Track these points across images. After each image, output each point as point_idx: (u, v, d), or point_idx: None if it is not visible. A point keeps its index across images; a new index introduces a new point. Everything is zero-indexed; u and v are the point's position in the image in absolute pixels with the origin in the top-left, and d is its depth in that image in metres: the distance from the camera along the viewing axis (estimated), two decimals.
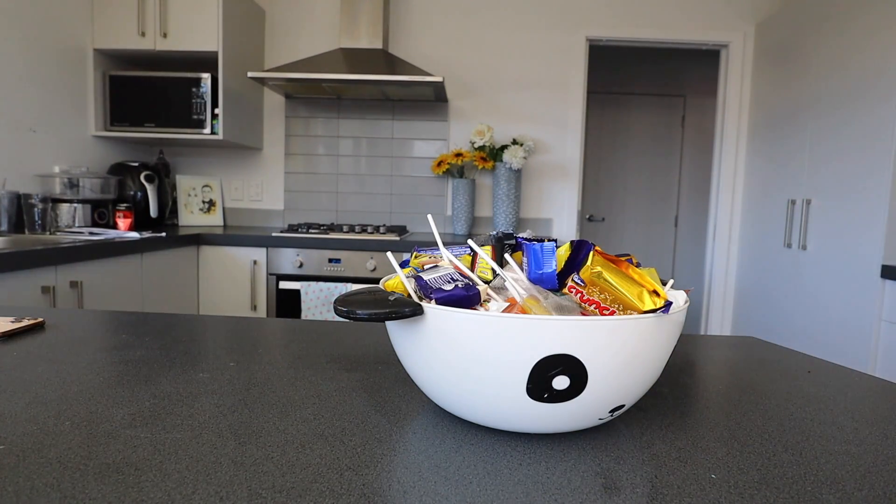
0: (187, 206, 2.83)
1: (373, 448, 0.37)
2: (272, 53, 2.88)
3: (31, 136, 2.13)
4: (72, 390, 0.46)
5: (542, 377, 0.35)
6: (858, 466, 0.37)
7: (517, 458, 0.36)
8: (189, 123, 2.47)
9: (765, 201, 2.75)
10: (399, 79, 2.38)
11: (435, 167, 2.82)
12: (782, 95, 2.63)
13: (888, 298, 1.92)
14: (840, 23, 2.22)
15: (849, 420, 0.45)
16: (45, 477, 0.32)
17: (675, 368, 0.58)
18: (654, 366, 0.39)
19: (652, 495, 0.32)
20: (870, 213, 2.00)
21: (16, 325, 0.63)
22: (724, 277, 3.06)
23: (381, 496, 0.31)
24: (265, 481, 0.32)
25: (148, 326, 0.69)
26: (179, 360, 0.55)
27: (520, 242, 0.46)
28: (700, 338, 0.72)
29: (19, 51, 2.06)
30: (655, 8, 2.89)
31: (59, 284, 1.57)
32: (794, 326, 2.43)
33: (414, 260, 0.49)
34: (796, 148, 2.49)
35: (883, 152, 1.95)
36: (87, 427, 0.39)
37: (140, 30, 2.40)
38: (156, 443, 0.37)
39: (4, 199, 1.96)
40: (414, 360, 0.41)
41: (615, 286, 0.36)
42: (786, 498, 0.32)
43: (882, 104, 1.96)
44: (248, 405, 0.44)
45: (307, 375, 0.52)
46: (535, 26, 2.88)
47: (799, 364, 0.62)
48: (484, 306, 0.41)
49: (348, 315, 0.37)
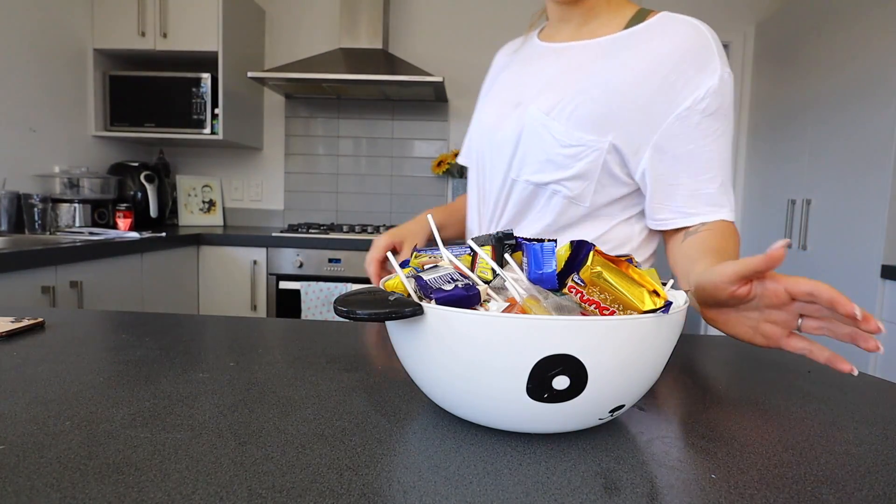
0: (187, 206, 2.83)
1: (373, 448, 0.37)
2: (272, 53, 2.88)
3: (31, 136, 2.13)
4: (72, 390, 0.46)
5: (542, 377, 0.35)
6: (858, 466, 0.37)
7: (517, 458, 0.36)
8: (189, 123, 2.47)
9: (765, 201, 2.75)
10: (399, 79, 2.38)
11: (435, 167, 2.82)
12: (782, 95, 2.63)
13: (888, 298, 1.92)
14: (840, 22, 2.22)
15: (849, 420, 0.45)
16: (45, 477, 0.32)
17: (675, 368, 0.58)
18: (654, 366, 0.39)
19: (652, 495, 0.32)
20: (870, 213, 2.00)
21: (16, 325, 0.63)
22: None
23: (381, 496, 0.31)
24: (265, 481, 0.32)
25: (148, 326, 0.69)
26: (179, 360, 0.55)
27: (520, 242, 0.46)
28: (700, 338, 0.72)
29: (19, 51, 2.06)
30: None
31: (59, 284, 1.57)
32: None
33: (414, 260, 0.49)
34: (796, 148, 2.48)
35: (883, 152, 1.95)
36: (87, 427, 0.39)
37: (140, 30, 2.40)
38: (156, 443, 0.37)
39: (4, 199, 1.96)
40: (414, 360, 0.41)
41: (615, 286, 0.36)
42: (786, 498, 0.32)
43: (883, 104, 1.96)
44: (248, 405, 0.44)
45: (307, 375, 0.52)
46: None
47: (799, 364, 0.62)
48: (484, 306, 0.41)
49: (348, 315, 0.37)
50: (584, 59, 0.76)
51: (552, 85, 0.77)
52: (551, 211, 0.79)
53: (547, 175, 0.76)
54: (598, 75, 0.74)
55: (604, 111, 0.73)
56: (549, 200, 0.79)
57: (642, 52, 0.73)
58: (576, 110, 0.73)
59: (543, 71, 0.80)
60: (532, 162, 0.77)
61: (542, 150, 0.76)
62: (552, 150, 0.75)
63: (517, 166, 0.79)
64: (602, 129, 0.73)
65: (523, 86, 0.81)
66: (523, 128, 0.77)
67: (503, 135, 0.80)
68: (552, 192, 0.78)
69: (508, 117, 0.80)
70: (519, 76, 0.83)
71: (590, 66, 0.75)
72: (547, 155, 0.75)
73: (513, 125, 0.78)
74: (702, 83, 0.70)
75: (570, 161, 0.75)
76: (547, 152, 0.75)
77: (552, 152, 0.75)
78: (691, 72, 0.71)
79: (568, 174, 0.75)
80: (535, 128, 0.75)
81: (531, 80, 0.80)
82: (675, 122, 0.71)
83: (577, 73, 0.76)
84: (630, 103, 0.72)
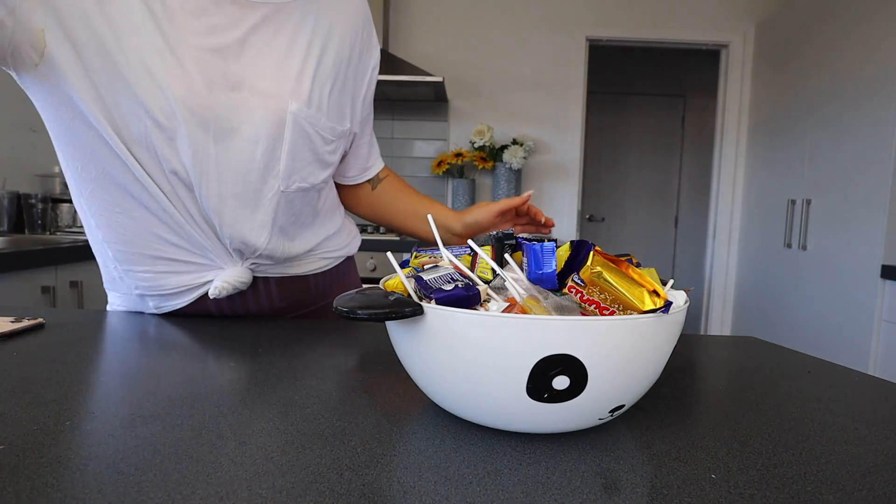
0: None
1: (373, 448, 0.37)
2: None
3: (31, 136, 2.13)
4: (72, 390, 0.46)
5: (542, 377, 0.35)
6: (858, 466, 0.37)
7: (517, 458, 0.36)
8: None
9: (765, 201, 2.75)
10: (399, 79, 2.38)
11: (435, 167, 2.82)
12: (782, 95, 2.63)
13: (888, 298, 1.92)
14: (840, 23, 2.22)
15: (849, 420, 0.45)
16: (45, 477, 0.32)
17: (675, 368, 0.58)
18: (654, 366, 0.39)
19: (652, 495, 0.32)
20: (870, 213, 2.00)
21: (16, 325, 0.63)
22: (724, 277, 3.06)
23: (381, 496, 0.31)
24: (265, 481, 0.32)
25: (148, 326, 0.69)
26: (179, 360, 0.55)
27: (520, 242, 0.46)
28: (700, 338, 0.72)
29: None
30: (655, 8, 2.89)
31: (59, 284, 1.57)
32: (794, 326, 2.43)
33: (414, 260, 0.49)
34: (796, 148, 2.49)
35: (883, 152, 1.95)
36: (87, 427, 0.39)
37: None
38: (156, 443, 0.37)
39: (4, 199, 1.96)
40: (414, 360, 0.41)
41: (615, 286, 0.36)
42: (786, 498, 0.32)
43: (882, 104, 1.96)
44: (248, 405, 0.44)
45: (307, 375, 0.52)
46: (536, 26, 2.88)
47: (799, 364, 0.62)
48: (484, 306, 0.41)
49: (348, 315, 0.37)
50: (290, 24, 0.65)
51: (278, 63, 0.64)
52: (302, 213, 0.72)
53: (316, 176, 0.69)
54: (319, 47, 0.66)
55: (339, 91, 0.69)
56: (304, 202, 0.71)
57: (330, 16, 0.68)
58: (328, 99, 0.67)
59: (245, 40, 0.62)
60: (302, 166, 0.67)
61: (310, 151, 0.67)
62: (321, 148, 0.68)
63: (286, 172, 0.66)
64: (342, 113, 0.70)
65: (227, 57, 0.61)
66: (285, 127, 0.64)
67: (244, 133, 0.62)
68: (314, 193, 0.71)
69: (235, 109, 0.61)
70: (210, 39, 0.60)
71: (303, 34, 0.65)
72: (315, 154, 0.68)
73: (261, 121, 0.62)
74: (374, 54, 0.76)
75: (332, 156, 0.70)
76: (316, 151, 0.68)
77: (321, 150, 0.68)
78: (370, 41, 0.75)
79: (329, 171, 0.70)
80: (302, 126, 0.65)
81: (234, 49, 0.61)
82: (367, 89, 0.76)
83: (294, 44, 0.65)
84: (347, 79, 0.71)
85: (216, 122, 0.60)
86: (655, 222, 4.37)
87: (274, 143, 0.64)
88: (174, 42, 0.58)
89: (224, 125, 0.61)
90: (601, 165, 4.32)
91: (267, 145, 0.63)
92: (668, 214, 4.38)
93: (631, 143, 4.33)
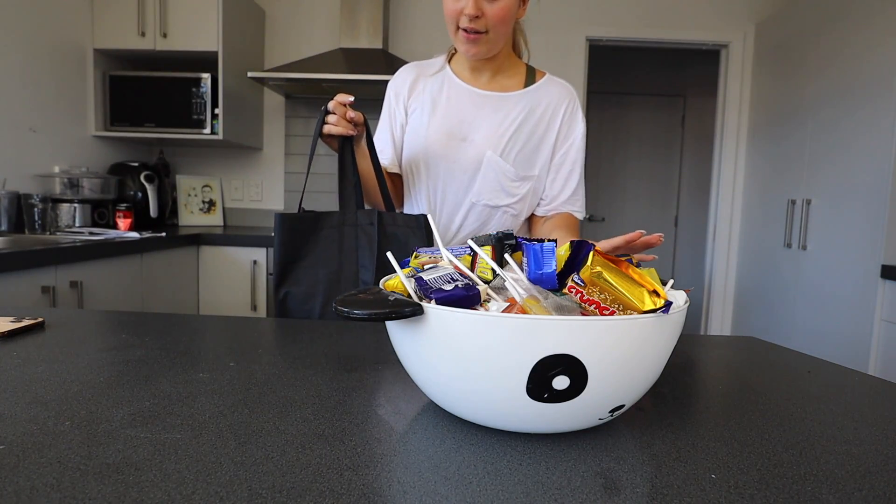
0: (187, 206, 2.83)
1: (373, 448, 0.37)
2: (272, 53, 2.88)
3: (31, 136, 2.13)
4: (72, 390, 0.46)
5: (542, 377, 0.35)
6: (858, 466, 0.37)
7: (517, 458, 0.36)
8: (189, 123, 2.47)
9: (765, 201, 2.75)
10: None
11: None
12: (782, 95, 2.63)
13: (888, 298, 1.92)
14: (840, 23, 2.22)
15: (849, 420, 0.45)
16: (45, 477, 0.32)
17: (675, 368, 0.58)
18: (654, 366, 0.39)
19: (652, 495, 0.32)
20: (870, 213, 2.00)
21: (16, 325, 0.63)
22: (724, 277, 3.06)
23: (381, 496, 0.31)
24: (265, 481, 0.32)
25: (148, 326, 0.69)
26: (179, 360, 0.55)
27: (520, 242, 0.46)
28: (700, 338, 0.72)
29: (19, 51, 2.06)
30: (655, 8, 2.89)
31: (59, 284, 1.57)
32: (794, 326, 2.43)
33: (414, 260, 0.49)
34: (796, 148, 2.48)
35: (883, 152, 1.95)
36: (87, 427, 0.39)
37: (140, 30, 2.40)
38: (156, 443, 0.37)
39: (4, 199, 1.96)
40: (414, 360, 0.41)
41: (615, 286, 0.36)
42: (786, 498, 0.32)
43: (882, 104, 1.96)
44: (248, 405, 0.44)
45: (307, 375, 0.52)
46: (535, 26, 2.88)
47: (799, 364, 0.62)
48: (484, 306, 0.41)
49: (348, 315, 0.37)
50: (507, 108, 1.05)
51: (491, 130, 1.04)
52: (502, 224, 1.08)
53: (501, 200, 1.06)
54: (521, 122, 1.05)
55: (531, 150, 1.06)
56: (502, 217, 1.08)
57: (542, 105, 1.07)
58: (519, 153, 1.05)
59: (476, 115, 1.05)
60: (489, 191, 1.05)
61: (497, 182, 1.04)
62: (505, 183, 1.05)
63: (476, 192, 1.05)
64: (531, 164, 1.07)
65: (463, 123, 1.05)
66: (481, 165, 1.03)
67: (460, 167, 1.04)
68: (503, 210, 1.07)
69: (460, 151, 1.04)
70: (457, 113, 1.06)
71: (513, 114, 1.05)
72: (501, 186, 1.05)
73: (469, 161, 1.03)
74: (578, 128, 1.10)
75: (516, 189, 1.06)
76: (501, 184, 1.05)
77: (505, 184, 1.05)
78: (573, 120, 1.10)
79: (515, 199, 1.07)
80: (492, 166, 1.04)
81: (469, 119, 1.05)
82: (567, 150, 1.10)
83: (505, 119, 1.05)
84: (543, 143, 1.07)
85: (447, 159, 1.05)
86: (655, 222, 4.37)
87: (474, 173, 1.04)
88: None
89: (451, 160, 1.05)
90: (601, 165, 4.32)
91: (472, 174, 1.04)
92: (668, 214, 4.38)
93: (631, 143, 4.33)
